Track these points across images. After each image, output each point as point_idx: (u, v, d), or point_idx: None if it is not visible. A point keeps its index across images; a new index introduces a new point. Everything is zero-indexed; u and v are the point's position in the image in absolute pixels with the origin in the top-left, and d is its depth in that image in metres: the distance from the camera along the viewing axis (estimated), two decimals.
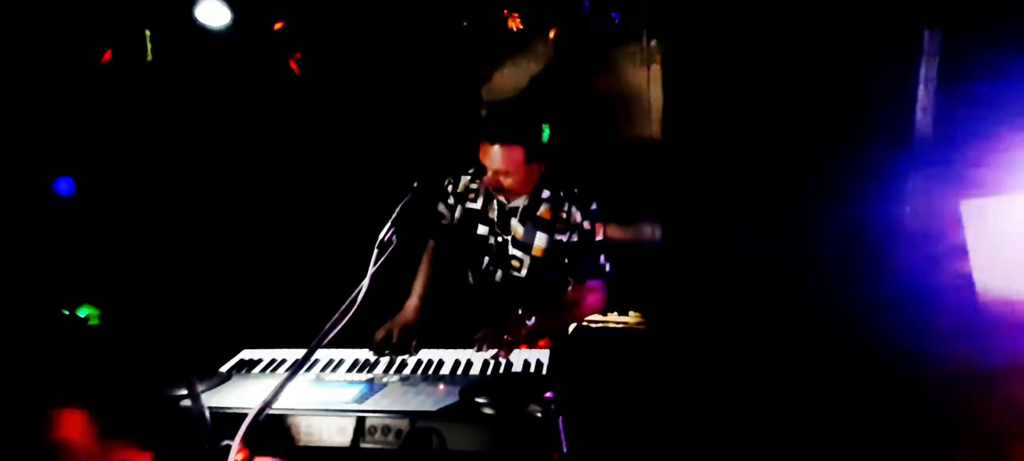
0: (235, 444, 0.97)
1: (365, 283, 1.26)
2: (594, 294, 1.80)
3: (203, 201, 2.55)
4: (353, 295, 1.24)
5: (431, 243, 1.98)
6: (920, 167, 2.61)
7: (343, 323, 1.20)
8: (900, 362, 2.21)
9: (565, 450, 1.07)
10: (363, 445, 1.17)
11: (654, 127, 2.82)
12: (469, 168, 1.91)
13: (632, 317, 3.11)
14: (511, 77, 2.92)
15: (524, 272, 1.86)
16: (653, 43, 2.72)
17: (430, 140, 2.75)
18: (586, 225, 1.78)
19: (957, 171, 2.44)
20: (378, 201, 1.58)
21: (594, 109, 2.88)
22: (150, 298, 2.06)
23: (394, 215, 1.39)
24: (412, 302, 1.86)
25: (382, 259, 1.30)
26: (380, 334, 1.69)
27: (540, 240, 1.82)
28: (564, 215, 1.80)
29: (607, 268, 1.82)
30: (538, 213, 1.82)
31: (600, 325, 3.07)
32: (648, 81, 2.76)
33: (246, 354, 1.69)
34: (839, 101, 2.61)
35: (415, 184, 1.49)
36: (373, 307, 1.31)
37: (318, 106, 2.83)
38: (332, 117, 2.87)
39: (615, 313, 3.12)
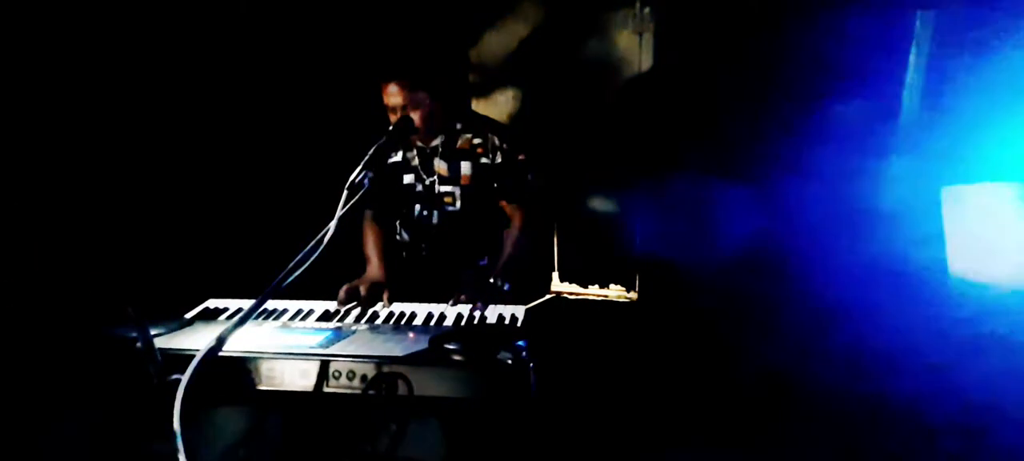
0: (185, 378, 0.91)
1: (332, 225, 1.20)
2: (522, 218, 1.84)
3: (174, 150, 2.45)
4: (320, 235, 1.18)
5: (367, 212, 1.95)
6: (904, 152, 2.61)
7: (310, 262, 1.14)
8: (875, 346, 2.23)
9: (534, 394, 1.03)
10: (326, 389, 1.13)
11: (643, 96, 2.77)
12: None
13: (613, 291, 3.09)
14: (500, 38, 2.84)
15: (459, 204, 1.86)
16: (647, 10, 2.66)
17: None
18: (505, 146, 1.80)
19: (940, 157, 2.45)
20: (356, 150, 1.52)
21: (582, 74, 2.82)
22: (103, 239, 1.97)
23: (367, 157, 1.33)
24: (374, 262, 1.85)
25: (351, 202, 1.24)
26: (346, 288, 1.64)
27: (465, 168, 1.82)
28: (482, 140, 1.81)
29: (534, 187, 1.85)
30: (458, 146, 1.82)
31: (579, 297, 3.05)
32: (640, 48, 2.71)
33: (211, 303, 1.64)
34: (828, 81, 2.59)
35: (390, 127, 1.43)
36: (338, 262, 1.25)
37: (291, 58, 2.72)
38: (306, 68, 2.76)
39: (596, 286, 3.10)
